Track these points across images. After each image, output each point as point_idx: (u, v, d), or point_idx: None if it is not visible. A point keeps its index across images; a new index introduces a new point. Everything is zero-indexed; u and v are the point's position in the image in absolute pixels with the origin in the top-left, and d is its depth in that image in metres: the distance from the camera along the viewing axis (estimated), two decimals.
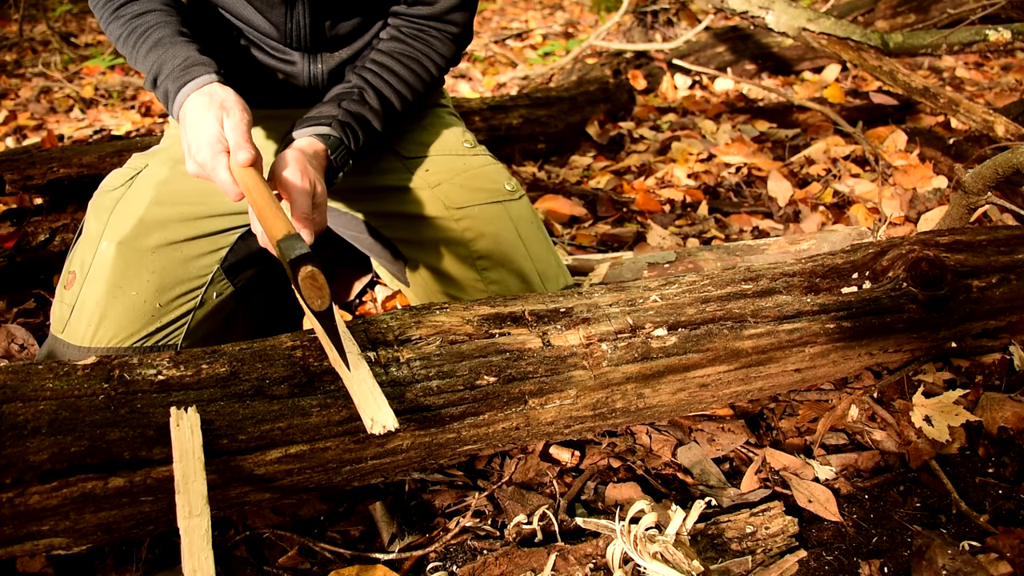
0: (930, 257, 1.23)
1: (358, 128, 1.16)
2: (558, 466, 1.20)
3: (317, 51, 1.25)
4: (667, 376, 1.09)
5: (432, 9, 1.23)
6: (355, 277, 1.76)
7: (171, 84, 1.07)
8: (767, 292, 1.17)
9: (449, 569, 1.01)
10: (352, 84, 1.20)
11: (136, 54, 1.13)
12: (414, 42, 1.25)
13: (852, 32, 2.07)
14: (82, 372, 0.87)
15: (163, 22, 1.13)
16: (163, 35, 1.11)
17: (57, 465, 0.80)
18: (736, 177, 2.48)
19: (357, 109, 1.17)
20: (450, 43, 1.27)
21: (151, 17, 1.14)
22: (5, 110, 3.60)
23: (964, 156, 2.18)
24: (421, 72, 1.24)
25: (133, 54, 1.14)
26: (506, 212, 1.29)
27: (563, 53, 4.48)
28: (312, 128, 1.13)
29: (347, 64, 1.28)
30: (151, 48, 1.11)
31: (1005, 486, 1.14)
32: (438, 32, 1.25)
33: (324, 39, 1.23)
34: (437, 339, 1.00)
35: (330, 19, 1.21)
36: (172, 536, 1.01)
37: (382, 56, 1.23)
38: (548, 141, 2.76)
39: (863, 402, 1.30)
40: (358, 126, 1.16)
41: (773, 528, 1.04)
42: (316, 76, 1.27)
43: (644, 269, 1.67)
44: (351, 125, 1.15)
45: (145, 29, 1.13)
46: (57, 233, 1.85)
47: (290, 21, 1.19)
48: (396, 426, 0.84)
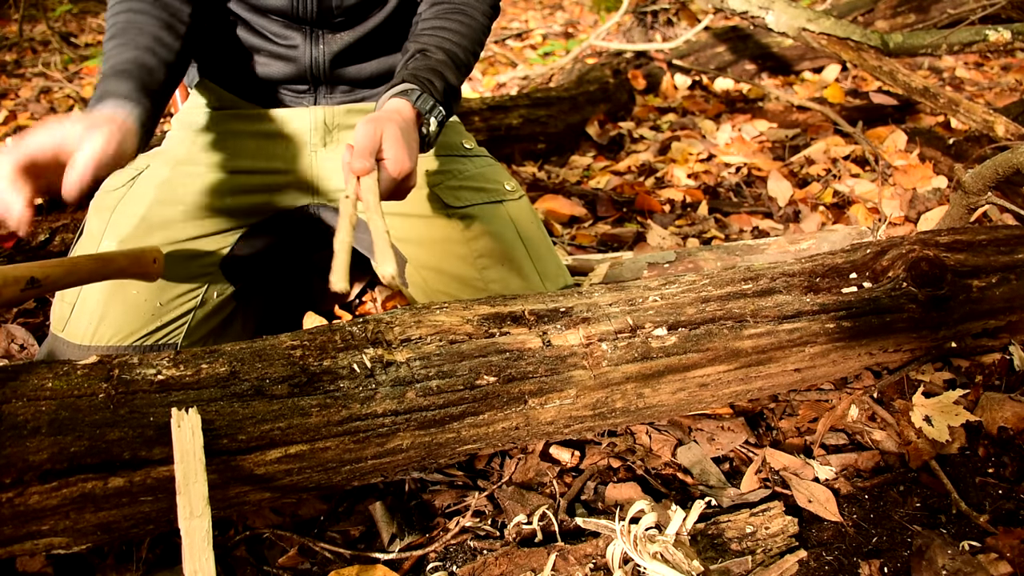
0: (930, 257, 1.23)
1: (432, 76, 1.12)
2: (558, 466, 1.20)
3: (321, 27, 1.23)
4: (667, 376, 1.09)
5: None
6: (355, 277, 1.76)
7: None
8: (767, 292, 1.17)
9: (449, 569, 1.01)
10: (410, 51, 1.17)
11: None
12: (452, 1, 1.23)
13: (852, 32, 2.07)
14: (82, 372, 0.87)
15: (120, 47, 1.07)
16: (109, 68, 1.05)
17: (57, 465, 0.80)
18: (736, 177, 2.48)
19: (424, 62, 1.13)
20: (484, 6, 1.26)
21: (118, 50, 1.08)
22: (5, 110, 3.60)
23: (964, 156, 2.18)
24: (471, 22, 1.23)
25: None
26: (506, 212, 1.29)
27: (563, 53, 4.48)
28: (387, 93, 1.09)
29: (350, 49, 1.25)
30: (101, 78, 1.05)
31: (1005, 486, 1.14)
32: None
33: (331, 12, 1.22)
34: (437, 339, 1.00)
35: None
36: (172, 536, 1.01)
37: (429, 21, 1.21)
38: (548, 141, 2.76)
39: (863, 402, 1.30)
40: (431, 74, 1.12)
41: (773, 528, 1.04)
42: (318, 61, 1.24)
43: (644, 269, 1.67)
44: (423, 76, 1.11)
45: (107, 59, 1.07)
46: (57, 233, 1.85)
47: None
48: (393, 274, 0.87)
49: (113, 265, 1.05)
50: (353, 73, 1.29)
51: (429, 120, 1.10)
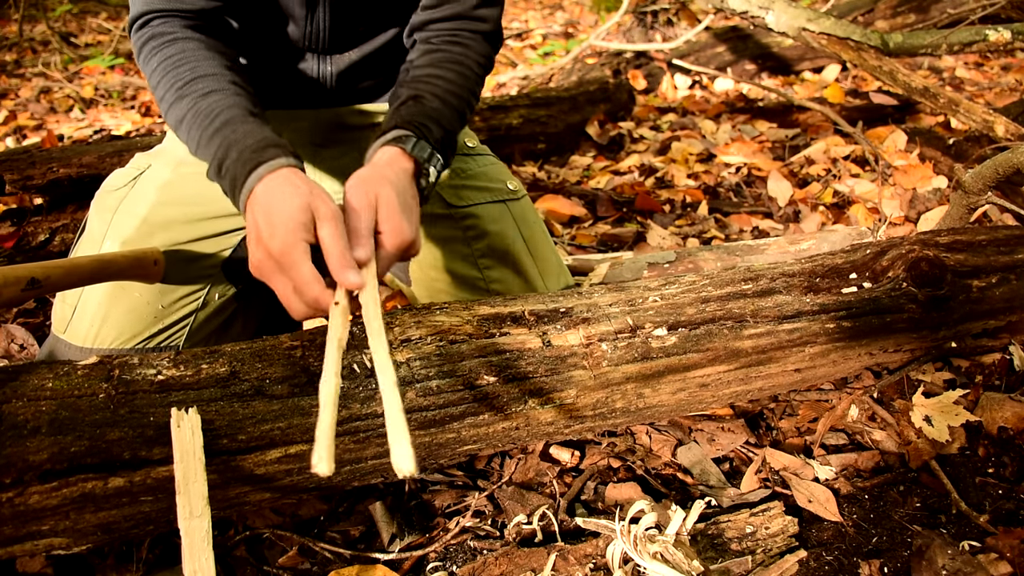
0: (930, 257, 1.23)
1: (428, 121, 1.03)
2: (558, 466, 1.20)
3: (330, 53, 1.24)
4: (667, 376, 1.09)
5: (461, 6, 1.16)
6: None
7: (240, 168, 0.90)
8: (767, 292, 1.17)
9: (449, 569, 1.01)
10: (402, 97, 1.08)
11: (200, 139, 0.97)
12: (450, 47, 1.18)
13: (852, 32, 2.07)
14: (82, 372, 0.87)
15: (232, 104, 0.96)
16: (232, 115, 0.95)
17: (57, 465, 0.80)
18: (736, 177, 2.48)
19: (419, 108, 1.05)
20: (484, 43, 1.21)
21: (218, 98, 0.97)
22: (5, 110, 3.60)
23: (964, 156, 2.18)
24: (467, 72, 1.17)
25: (197, 140, 0.98)
26: (508, 211, 1.29)
27: (563, 53, 4.49)
28: (378, 141, 1.01)
29: (356, 65, 1.26)
30: (217, 130, 0.94)
31: (1005, 486, 1.14)
32: (470, 33, 1.20)
33: (340, 42, 1.22)
34: (437, 339, 1.00)
35: (350, 24, 1.20)
36: (172, 536, 1.01)
37: (422, 69, 1.14)
38: (548, 141, 2.76)
39: (863, 402, 1.30)
40: (427, 119, 1.03)
41: (773, 528, 1.04)
42: (325, 76, 1.25)
43: (644, 269, 1.67)
44: (418, 121, 1.02)
45: (212, 111, 0.96)
46: (57, 233, 1.85)
47: (310, 25, 1.18)
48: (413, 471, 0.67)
49: (113, 266, 1.05)
50: (358, 84, 1.29)
51: (428, 170, 1.01)
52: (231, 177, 0.91)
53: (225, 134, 0.93)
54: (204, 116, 0.96)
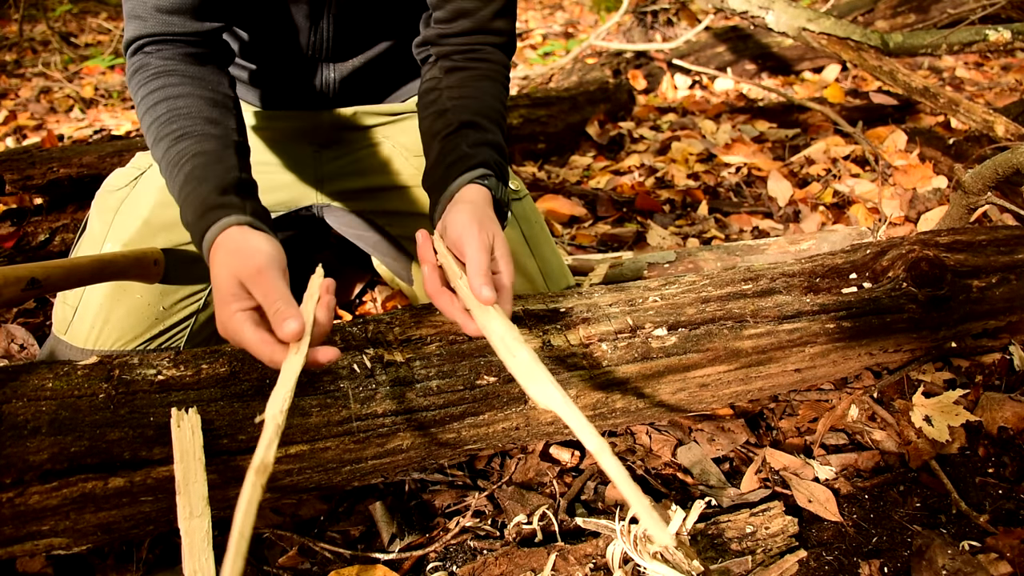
0: (930, 257, 1.23)
1: (500, 158, 1.04)
2: (558, 466, 1.20)
3: (334, 60, 1.25)
4: (667, 376, 1.09)
5: (474, 20, 1.14)
6: (355, 277, 1.76)
7: (195, 232, 0.91)
8: (767, 292, 1.17)
9: (449, 569, 1.01)
10: (454, 124, 1.06)
11: (171, 190, 0.98)
12: (476, 63, 1.15)
13: (852, 32, 2.07)
14: (82, 372, 0.87)
15: (198, 151, 0.95)
16: (194, 165, 0.94)
17: (57, 465, 0.80)
18: (736, 177, 2.48)
19: (480, 137, 1.04)
20: (500, 54, 1.19)
21: (186, 145, 0.96)
22: (5, 110, 3.60)
23: (964, 156, 2.18)
24: (499, 90, 1.15)
25: (169, 189, 0.98)
26: (511, 211, 1.29)
27: (563, 53, 4.48)
28: (468, 174, 0.99)
29: (358, 71, 1.26)
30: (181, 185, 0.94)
31: (1005, 486, 1.14)
32: (491, 47, 1.17)
33: (343, 50, 1.23)
34: (437, 339, 1.00)
35: (353, 33, 1.21)
36: (172, 536, 1.01)
37: (459, 89, 1.11)
38: (548, 141, 2.77)
39: (863, 402, 1.30)
40: (496, 153, 1.04)
41: (773, 528, 1.04)
42: (328, 81, 1.26)
43: (644, 269, 1.67)
44: (494, 160, 1.02)
45: (179, 159, 0.96)
46: (57, 233, 1.85)
47: (315, 35, 1.18)
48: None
49: (114, 266, 1.05)
50: (360, 88, 1.30)
51: (507, 213, 1.03)
52: (194, 237, 0.92)
53: (187, 192, 0.92)
54: (172, 165, 0.96)
